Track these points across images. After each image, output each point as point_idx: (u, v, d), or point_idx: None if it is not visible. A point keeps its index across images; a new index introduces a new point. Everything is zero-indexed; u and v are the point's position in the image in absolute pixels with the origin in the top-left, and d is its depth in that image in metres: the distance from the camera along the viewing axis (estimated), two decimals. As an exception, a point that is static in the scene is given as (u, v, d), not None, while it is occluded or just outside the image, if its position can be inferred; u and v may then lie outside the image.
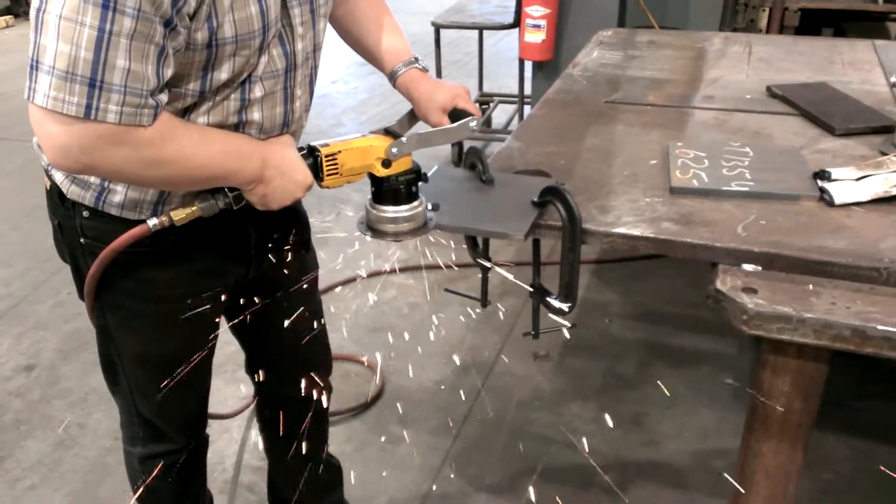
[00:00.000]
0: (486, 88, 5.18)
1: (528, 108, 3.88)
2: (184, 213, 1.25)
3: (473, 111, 1.45)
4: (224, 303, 1.52)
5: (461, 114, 1.44)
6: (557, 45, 3.75)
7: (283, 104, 1.30)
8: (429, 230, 1.35)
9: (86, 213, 1.32)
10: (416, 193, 1.32)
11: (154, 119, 1.08)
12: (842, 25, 3.79)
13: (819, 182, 1.49)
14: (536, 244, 1.54)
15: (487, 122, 4.71)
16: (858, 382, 2.52)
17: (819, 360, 1.28)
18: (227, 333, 1.65)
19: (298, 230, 1.55)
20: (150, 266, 1.36)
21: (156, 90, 1.07)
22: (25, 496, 2.27)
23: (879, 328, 1.12)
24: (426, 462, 2.33)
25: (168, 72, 1.09)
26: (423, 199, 1.34)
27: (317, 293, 1.71)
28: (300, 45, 1.28)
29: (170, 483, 1.66)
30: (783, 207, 1.44)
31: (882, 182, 1.46)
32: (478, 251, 1.68)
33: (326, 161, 1.27)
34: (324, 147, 1.27)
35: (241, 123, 1.26)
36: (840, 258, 1.26)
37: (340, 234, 3.44)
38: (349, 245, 3.25)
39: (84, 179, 1.29)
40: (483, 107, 4.84)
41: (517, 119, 4.54)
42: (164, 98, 1.11)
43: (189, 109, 1.21)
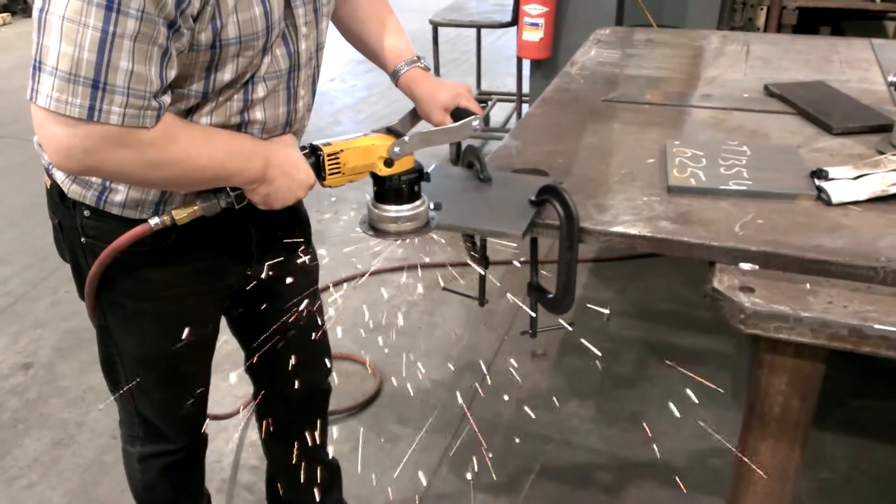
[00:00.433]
0: (484, 87, 5.18)
1: (526, 107, 3.88)
2: (185, 213, 1.25)
3: (476, 110, 1.45)
4: (224, 302, 1.51)
5: (463, 113, 1.44)
6: (555, 44, 3.75)
7: (286, 104, 1.30)
8: (431, 229, 1.34)
9: (87, 213, 1.32)
10: (419, 193, 1.32)
11: (157, 120, 1.08)
12: (840, 24, 3.79)
13: (816, 181, 1.49)
14: (534, 243, 1.54)
15: (485, 121, 4.69)
16: (856, 381, 2.52)
17: (816, 359, 1.28)
18: (225, 332, 1.65)
19: (299, 229, 1.55)
20: (151, 265, 1.36)
21: (159, 92, 1.07)
22: (23, 495, 2.27)
23: (876, 327, 1.12)
24: (424, 461, 2.33)
25: (171, 73, 1.09)
26: (426, 199, 1.33)
27: (317, 292, 1.71)
28: (304, 45, 1.28)
29: (168, 482, 1.66)
30: (780, 206, 1.44)
31: (879, 181, 1.46)
32: (475, 250, 1.68)
33: (329, 160, 1.27)
34: (326, 146, 1.27)
35: (244, 123, 1.26)
36: (837, 257, 1.26)
37: (337, 232, 3.44)
38: (346, 244, 3.25)
39: (85, 179, 1.29)
40: (481, 105, 4.83)
41: (515, 117, 4.54)
42: (168, 99, 1.10)
43: (192, 110, 1.21)
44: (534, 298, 1.52)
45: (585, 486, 2.24)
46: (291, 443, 1.79)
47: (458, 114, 1.45)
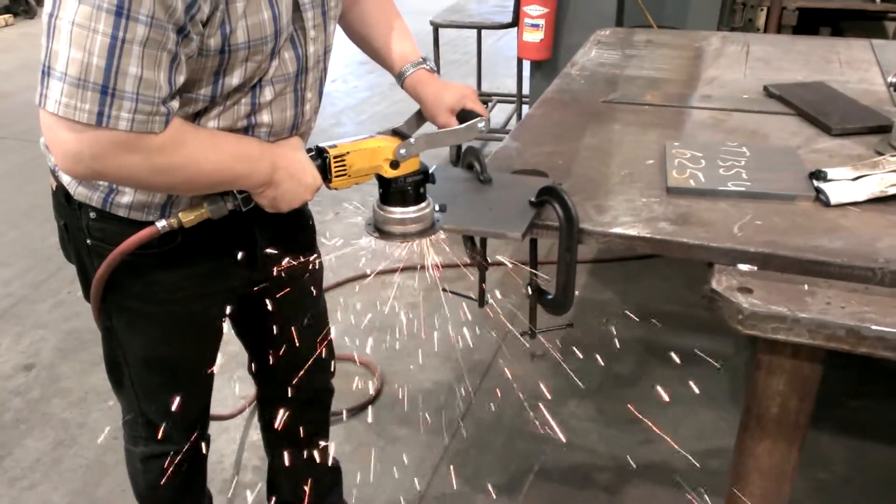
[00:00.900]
0: (485, 88, 5.18)
1: (527, 108, 3.88)
2: (193, 215, 1.25)
3: (481, 112, 1.46)
4: (229, 304, 1.52)
5: (469, 114, 1.44)
6: (555, 45, 3.75)
7: (294, 107, 1.30)
8: (436, 231, 1.34)
9: (93, 215, 1.32)
10: (424, 194, 1.32)
11: (165, 126, 1.08)
12: (840, 25, 3.79)
13: (815, 182, 1.49)
14: (534, 244, 1.54)
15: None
16: (854, 382, 2.53)
17: (814, 360, 1.28)
18: (227, 333, 1.66)
19: (304, 231, 1.55)
20: (157, 268, 1.36)
21: (168, 97, 1.07)
22: (25, 495, 2.28)
23: (874, 328, 1.13)
24: (424, 461, 2.34)
25: (180, 79, 1.09)
26: (431, 201, 1.33)
27: (321, 294, 1.71)
28: (312, 49, 1.28)
29: (170, 482, 1.67)
30: (779, 207, 1.45)
31: (878, 182, 1.47)
32: (475, 251, 1.69)
33: (335, 162, 1.27)
34: (332, 148, 1.27)
35: (251, 126, 1.26)
36: (835, 258, 1.26)
37: (338, 233, 3.44)
38: (347, 245, 3.25)
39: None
40: (482, 106, 4.84)
41: (515, 118, 4.54)
42: (176, 104, 1.10)
43: (199, 114, 1.21)
44: (533, 299, 1.53)
45: (585, 487, 2.25)
46: (293, 444, 1.79)
47: (464, 115, 1.45)
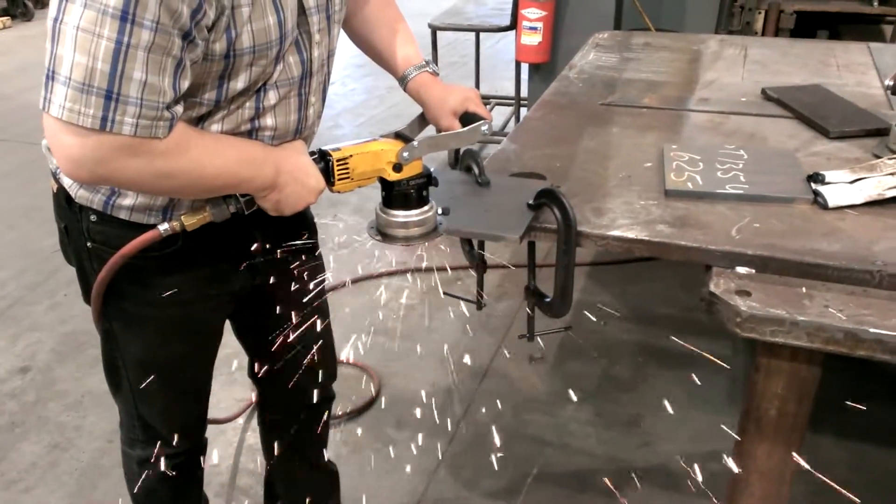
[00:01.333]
0: (483, 90, 5.17)
1: (525, 111, 3.89)
2: (195, 219, 1.25)
3: (485, 115, 1.45)
4: (229, 308, 1.51)
5: (472, 117, 1.44)
6: (554, 48, 3.76)
7: (297, 111, 1.30)
8: (439, 234, 1.33)
9: (93, 217, 1.32)
10: (427, 197, 1.31)
11: (169, 130, 1.08)
12: (837, 28, 3.80)
13: (813, 185, 1.49)
14: (532, 247, 1.54)
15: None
16: (853, 385, 2.52)
17: (812, 363, 1.28)
18: (225, 336, 1.65)
19: (306, 234, 1.54)
20: (157, 271, 1.35)
21: (172, 102, 1.07)
22: (20, 498, 2.27)
23: (872, 331, 1.12)
24: (421, 465, 2.33)
25: (185, 83, 1.09)
26: (434, 204, 1.33)
27: (324, 298, 1.70)
28: (316, 53, 1.28)
29: (167, 486, 1.66)
30: (777, 210, 1.45)
31: (876, 185, 1.47)
32: (473, 253, 1.68)
33: (338, 165, 1.26)
34: (335, 151, 1.26)
35: (255, 130, 1.26)
36: (833, 261, 1.26)
37: (337, 236, 3.44)
38: (344, 247, 3.25)
39: None
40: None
41: (513, 121, 4.54)
42: (180, 109, 1.10)
43: (203, 117, 1.21)
44: (531, 302, 1.52)
45: (583, 490, 2.24)
46: (291, 448, 1.79)
47: (467, 119, 1.45)
